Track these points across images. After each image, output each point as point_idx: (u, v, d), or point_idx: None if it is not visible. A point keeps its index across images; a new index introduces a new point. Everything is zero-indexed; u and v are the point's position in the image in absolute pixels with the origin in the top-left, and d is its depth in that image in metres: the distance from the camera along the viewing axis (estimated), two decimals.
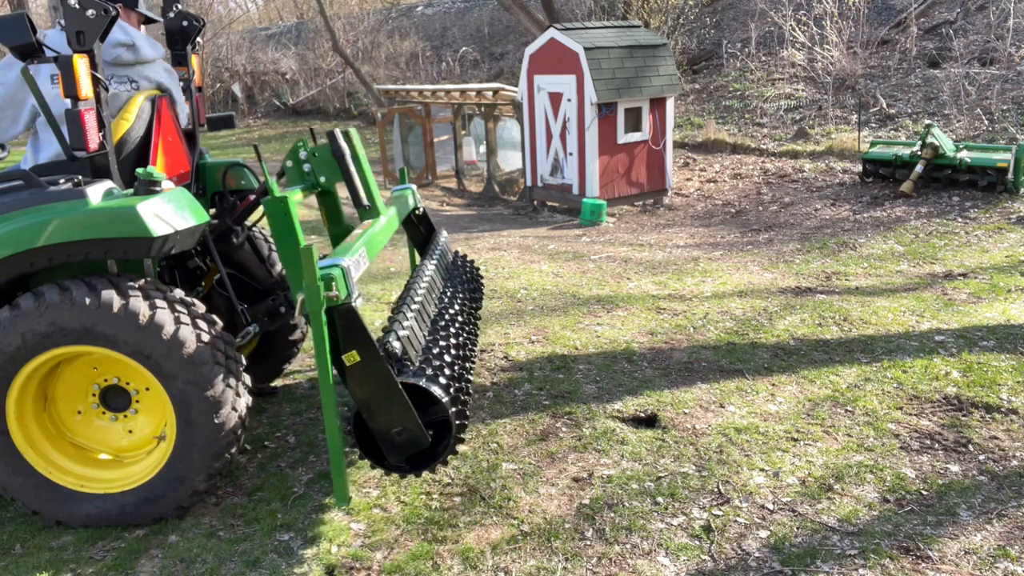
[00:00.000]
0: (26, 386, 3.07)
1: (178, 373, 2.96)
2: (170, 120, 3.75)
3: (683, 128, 12.90)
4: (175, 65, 3.98)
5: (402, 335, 3.02)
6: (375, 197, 3.64)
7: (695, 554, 2.85)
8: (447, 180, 12.22)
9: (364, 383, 2.78)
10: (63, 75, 2.93)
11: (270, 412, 4.27)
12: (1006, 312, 5.05)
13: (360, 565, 2.90)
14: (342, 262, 2.86)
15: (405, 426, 2.82)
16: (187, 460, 3.06)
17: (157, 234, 2.93)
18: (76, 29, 3.01)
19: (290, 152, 3.56)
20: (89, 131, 3.05)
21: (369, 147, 15.16)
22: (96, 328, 2.91)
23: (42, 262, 2.97)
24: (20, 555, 3.10)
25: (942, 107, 10.64)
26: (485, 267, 7.03)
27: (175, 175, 3.76)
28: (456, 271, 4.27)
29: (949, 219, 7.60)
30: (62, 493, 3.16)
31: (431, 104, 11.78)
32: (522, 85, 9.79)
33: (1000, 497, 3.08)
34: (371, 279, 6.86)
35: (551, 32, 9.30)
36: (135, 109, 3.51)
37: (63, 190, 2.97)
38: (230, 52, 23.79)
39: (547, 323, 5.41)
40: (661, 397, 4.12)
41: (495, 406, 4.15)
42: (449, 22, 23.10)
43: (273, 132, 20.67)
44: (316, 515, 3.24)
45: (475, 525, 3.10)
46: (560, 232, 8.69)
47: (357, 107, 20.54)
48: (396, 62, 21.27)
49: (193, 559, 2.99)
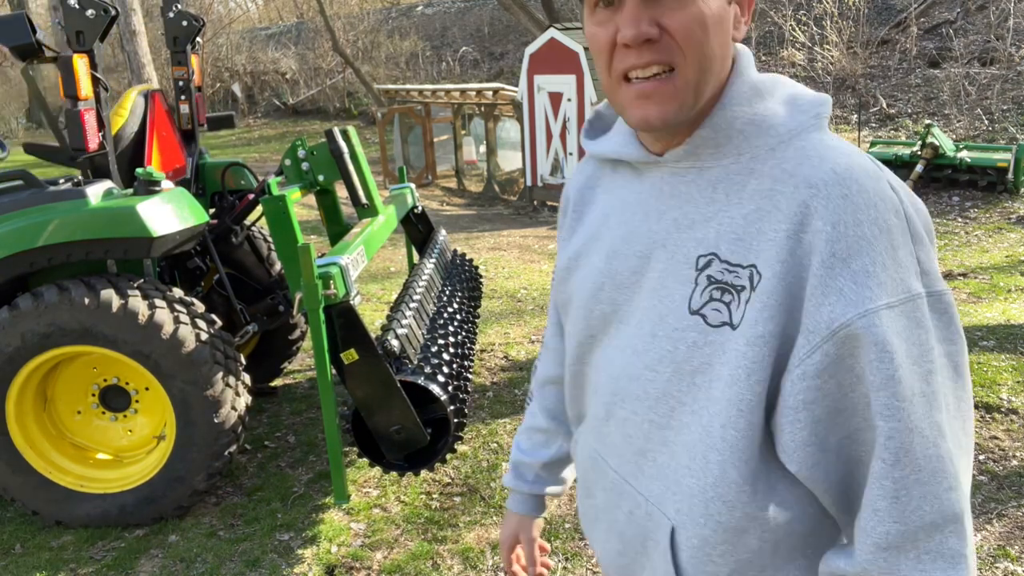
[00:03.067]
0: (26, 386, 3.07)
1: (177, 373, 2.96)
2: (164, 115, 3.75)
3: None
4: (175, 65, 3.98)
5: (400, 333, 3.02)
6: (373, 196, 3.64)
7: None
8: (447, 180, 12.23)
9: (363, 381, 2.78)
10: (63, 75, 2.94)
11: (270, 412, 4.27)
12: (1006, 312, 5.05)
13: (360, 565, 2.90)
14: (340, 260, 2.86)
15: (404, 424, 2.82)
16: (187, 460, 3.06)
17: (157, 234, 2.93)
18: (76, 29, 3.01)
19: (288, 151, 3.56)
20: (89, 131, 3.05)
21: (369, 147, 15.16)
22: (95, 328, 2.91)
23: (42, 262, 2.97)
24: (20, 555, 3.10)
25: (942, 107, 10.64)
26: (485, 267, 7.03)
27: (171, 170, 3.76)
28: (455, 270, 4.27)
29: (949, 219, 7.60)
30: (62, 493, 3.16)
31: (431, 104, 11.78)
32: (522, 85, 9.79)
33: (1000, 497, 3.08)
34: (370, 278, 6.86)
35: (551, 32, 9.30)
36: (129, 105, 3.51)
37: (63, 190, 2.97)
38: (230, 52, 23.80)
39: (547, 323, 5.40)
40: None
41: (495, 406, 4.15)
42: (449, 22, 23.10)
43: (273, 132, 20.67)
44: (316, 515, 3.24)
45: (475, 525, 3.10)
46: None
47: (357, 107, 20.54)
48: (396, 62, 21.27)
49: (193, 559, 2.99)
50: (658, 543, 1.01)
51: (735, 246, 0.92)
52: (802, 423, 0.88)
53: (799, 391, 0.88)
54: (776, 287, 0.87)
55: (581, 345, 1.12)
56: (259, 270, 4.19)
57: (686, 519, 0.97)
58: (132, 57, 12.30)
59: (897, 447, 0.84)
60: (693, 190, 0.97)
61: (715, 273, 0.93)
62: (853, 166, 0.88)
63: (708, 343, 0.93)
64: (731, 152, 0.95)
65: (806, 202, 0.87)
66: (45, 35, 3.02)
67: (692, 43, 0.90)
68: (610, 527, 1.10)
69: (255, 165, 14.66)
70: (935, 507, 0.85)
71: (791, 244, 0.87)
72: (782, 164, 0.92)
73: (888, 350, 0.83)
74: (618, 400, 1.04)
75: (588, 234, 1.11)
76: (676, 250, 0.97)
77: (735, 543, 0.95)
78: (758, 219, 0.91)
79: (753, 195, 0.92)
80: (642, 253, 1.01)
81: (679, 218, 0.98)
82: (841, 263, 0.84)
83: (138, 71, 12.30)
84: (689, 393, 0.95)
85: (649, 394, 0.99)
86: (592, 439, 1.13)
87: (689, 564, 0.98)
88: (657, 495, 1.01)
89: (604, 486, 1.11)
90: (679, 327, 0.95)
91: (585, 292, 1.09)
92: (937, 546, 0.85)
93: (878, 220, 0.85)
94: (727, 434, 0.91)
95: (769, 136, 0.94)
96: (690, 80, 0.91)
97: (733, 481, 0.93)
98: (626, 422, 1.03)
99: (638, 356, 1.00)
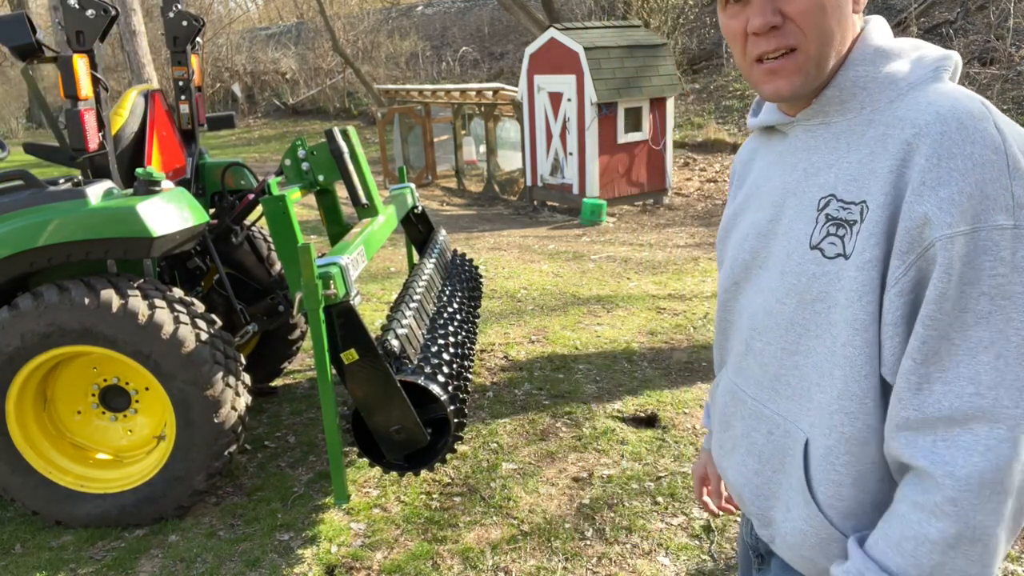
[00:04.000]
0: (26, 386, 3.07)
1: (177, 373, 2.96)
2: (164, 115, 3.75)
3: (683, 128, 12.90)
4: (175, 65, 3.98)
5: (400, 333, 3.02)
6: (373, 196, 3.64)
7: (695, 554, 2.85)
8: (447, 180, 12.22)
9: (363, 381, 2.78)
10: (63, 75, 2.94)
11: (270, 412, 4.27)
12: None
13: (360, 565, 2.90)
14: (340, 260, 2.86)
15: (404, 424, 2.82)
16: (187, 460, 3.06)
17: (157, 234, 2.93)
18: (76, 29, 3.01)
19: (288, 151, 3.56)
20: (89, 131, 3.05)
21: (369, 147, 15.16)
22: (95, 328, 2.91)
23: (42, 262, 2.97)
24: (20, 555, 3.10)
25: None
26: (485, 267, 7.03)
27: (171, 170, 3.76)
28: (455, 269, 4.28)
29: None
30: (62, 493, 3.16)
31: (431, 104, 11.77)
32: (522, 85, 9.79)
33: None
34: (370, 278, 6.87)
35: (551, 32, 9.29)
36: (129, 105, 3.51)
37: (63, 190, 2.97)
38: (230, 52, 23.79)
39: (547, 323, 5.41)
40: (661, 397, 4.12)
41: (495, 406, 4.15)
42: (449, 22, 23.10)
43: (273, 132, 20.66)
44: (316, 515, 3.24)
45: (475, 525, 3.10)
46: (560, 232, 8.69)
47: (357, 107, 20.54)
48: (396, 62, 21.27)
49: (193, 559, 2.99)
50: (794, 457, 1.12)
51: (850, 186, 1.03)
52: (900, 337, 0.99)
53: (896, 307, 0.98)
54: (881, 216, 0.98)
55: (727, 291, 1.26)
56: (259, 270, 4.19)
57: (816, 431, 1.09)
58: (132, 57, 12.30)
59: (929, 350, 0.95)
60: (820, 143, 1.10)
61: (832, 211, 1.05)
62: (957, 107, 0.96)
63: (825, 273, 1.05)
64: (855, 108, 1.07)
65: (909, 141, 0.97)
66: (45, 35, 3.02)
67: (811, 25, 1.03)
68: (748, 450, 1.22)
69: (255, 165, 14.66)
70: (954, 405, 0.93)
71: (894, 178, 0.98)
72: (896, 112, 1.02)
73: (949, 272, 0.92)
74: (755, 334, 1.18)
75: (745, 195, 1.26)
76: (803, 196, 1.10)
77: (857, 454, 1.05)
78: (871, 160, 1.02)
79: (869, 141, 1.03)
80: (777, 202, 1.15)
81: (808, 168, 1.11)
82: (930, 191, 0.93)
83: (138, 71, 12.30)
84: (812, 320, 1.07)
85: (780, 324, 1.12)
86: (732, 374, 1.27)
87: (817, 472, 1.09)
88: (794, 413, 1.13)
89: (743, 414, 1.23)
90: (801, 262, 1.08)
91: (735, 245, 1.24)
92: (955, 437, 0.94)
93: (972, 155, 0.92)
94: (847, 351, 1.03)
95: (890, 91, 1.04)
96: (812, 56, 1.05)
97: (854, 394, 1.03)
98: (762, 352, 1.17)
99: (772, 293, 1.13)
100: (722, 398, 1.30)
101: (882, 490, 1.07)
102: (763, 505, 1.20)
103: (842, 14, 1.05)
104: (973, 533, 0.92)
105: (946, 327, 0.93)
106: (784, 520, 1.16)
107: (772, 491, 1.18)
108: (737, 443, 1.25)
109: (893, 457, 1.02)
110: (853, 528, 1.08)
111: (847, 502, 1.07)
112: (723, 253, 1.31)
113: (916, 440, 0.96)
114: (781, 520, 1.17)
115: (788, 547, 1.16)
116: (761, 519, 1.22)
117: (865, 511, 1.07)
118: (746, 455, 1.23)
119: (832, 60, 1.06)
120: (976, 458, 0.92)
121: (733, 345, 1.27)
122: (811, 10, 1.02)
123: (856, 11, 1.07)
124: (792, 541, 1.15)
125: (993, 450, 0.91)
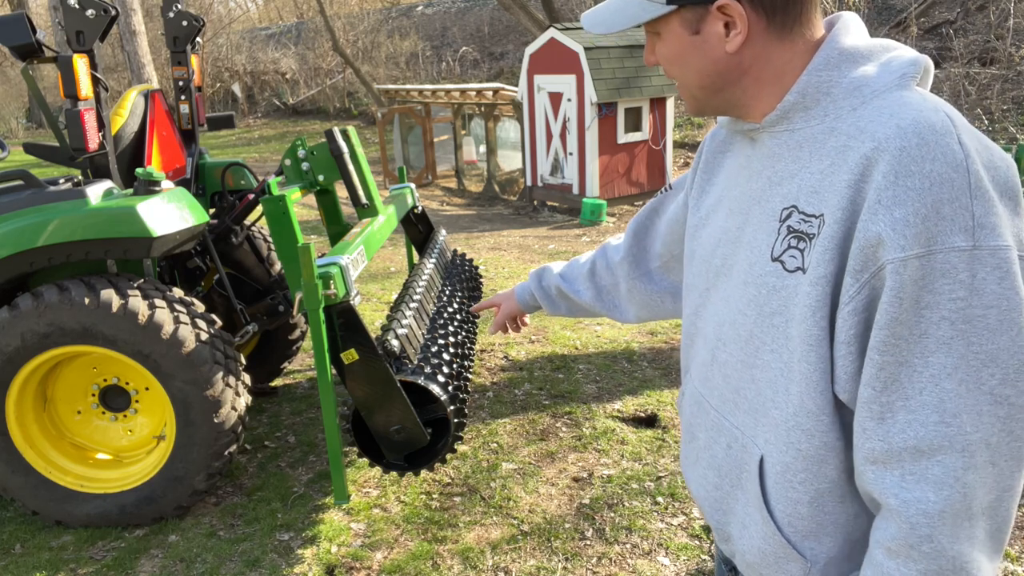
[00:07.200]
0: (26, 386, 3.08)
1: (177, 373, 2.96)
2: (164, 115, 3.75)
3: (683, 128, 12.91)
4: (175, 65, 3.98)
5: (400, 333, 3.02)
6: (373, 196, 3.64)
7: (695, 554, 2.85)
8: (447, 180, 12.22)
9: (362, 381, 2.78)
10: (63, 75, 2.94)
11: (270, 412, 4.27)
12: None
13: (360, 565, 2.90)
14: (340, 260, 2.86)
15: (404, 424, 2.82)
16: (187, 460, 3.06)
17: (157, 234, 2.93)
18: (76, 29, 3.01)
19: (288, 151, 3.56)
20: (89, 131, 3.05)
21: (369, 147, 15.16)
22: (95, 328, 2.91)
23: (42, 262, 2.97)
24: (20, 555, 3.10)
25: None
26: (485, 267, 7.03)
27: (171, 170, 3.76)
28: (455, 269, 4.27)
29: None
30: (62, 493, 3.16)
31: (431, 104, 11.77)
32: (522, 85, 9.79)
33: None
34: (370, 278, 6.87)
35: (551, 32, 9.29)
36: (129, 105, 3.51)
37: (63, 190, 2.97)
38: (230, 52, 23.79)
39: (547, 323, 5.41)
40: (661, 397, 4.12)
41: (495, 406, 4.15)
42: (449, 22, 23.09)
43: (273, 132, 20.66)
44: (316, 515, 3.24)
45: (475, 525, 3.10)
46: (560, 232, 8.69)
47: (357, 107, 20.54)
48: (396, 62, 21.26)
49: (193, 559, 2.99)
50: (751, 472, 1.11)
51: (811, 198, 1.01)
52: (853, 356, 0.97)
53: (850, 326, 0.96)
54: (835, 232, 0.95)
55: (700, 296, 1.24)
56: (259, 270, 4.19)
57: (772, 448, 1.07)
58: (132, 57, 12.30)
59: (888, 377, 0.93)
60: (784, 150, 1.07)
61: (793, 223, 1.03)
62: (919, 121, 0.92)
63: (784, 287, 1.03)
64: (818, 115, 1.03)
65: (868, 155, 0.93)
66: (45, 35, 3.02)
67: (673, 71, 1.11)
68: (709, 463, 1.21)
69: (255, 165, 14.65)
70: (919, 434, 0.91)
71: (851, 193, 0.94)
72: (858, 122, 0.98)
73: (900, 296, 0.90)
74: (720, 344, 1.16)
75: (716, 195, 1.24)
76: (766, 205, 1.08)
77: (815, 472, 1.04)
78: (832, 172, 0.98)
79: (831, 152, 1.00)
80: (744, 210, 1.13)
81: (771, 176, 1.09)
82: (885, 210, 0.90)
83: (138, 71, 12.31)
84: (769, 333, 1.06)
85: (740, 336, 1.11)
86: (698, 383, 1.25)
87: (774, 490, 1.08)
88: (750, 427, 1.11)
89: (706, 425, 1.22)
90: (762, 273, 1.06)
91: (706, 248, 1.22)
92: (923, 471, 0.91)
93: (931, 173, 0.89)
94: (802, 367, 1.01)
95: (853, 97, 1.00)
96: (689, 87, 1.10)
97: (810, 411, 1.01)
98: (725, 364, 1.15)
99: (735, 303, 1.12)
100: (688, 408, 1.29)
101: (844, 511, 1.05)
102: (722, 520, 1.20)
103: (705, 60, 1.06)
104: (952, 564, 0.91)
105: (905, 353, 0.91)
106: (740, 537, 1.15)
107: (729, 506, 1.17)
108: (700, 455, 1.24)
109: (865, 492, 1.00)
110: (813, 550, 1.07)
111: (806, 521, 1.06)
112: (691, 249, 1.27)
113: (884, 476, 0.94)
114: (738, 536, 1.16)
115: (747, 565, 1.16)
116: (720, 533, 1.21)
117: (826, 532, 1.06)
118: (707, 468, 1.22)
119: (729, 86, 1.08)
120: (947, 491, 0.90)
121: (699, 352, 1.25)
122: (668, 58, 1.09)
123: (729, 51, 1.03)
124: (751, 559, 1.14)
125: (960, 479, 0.90)
